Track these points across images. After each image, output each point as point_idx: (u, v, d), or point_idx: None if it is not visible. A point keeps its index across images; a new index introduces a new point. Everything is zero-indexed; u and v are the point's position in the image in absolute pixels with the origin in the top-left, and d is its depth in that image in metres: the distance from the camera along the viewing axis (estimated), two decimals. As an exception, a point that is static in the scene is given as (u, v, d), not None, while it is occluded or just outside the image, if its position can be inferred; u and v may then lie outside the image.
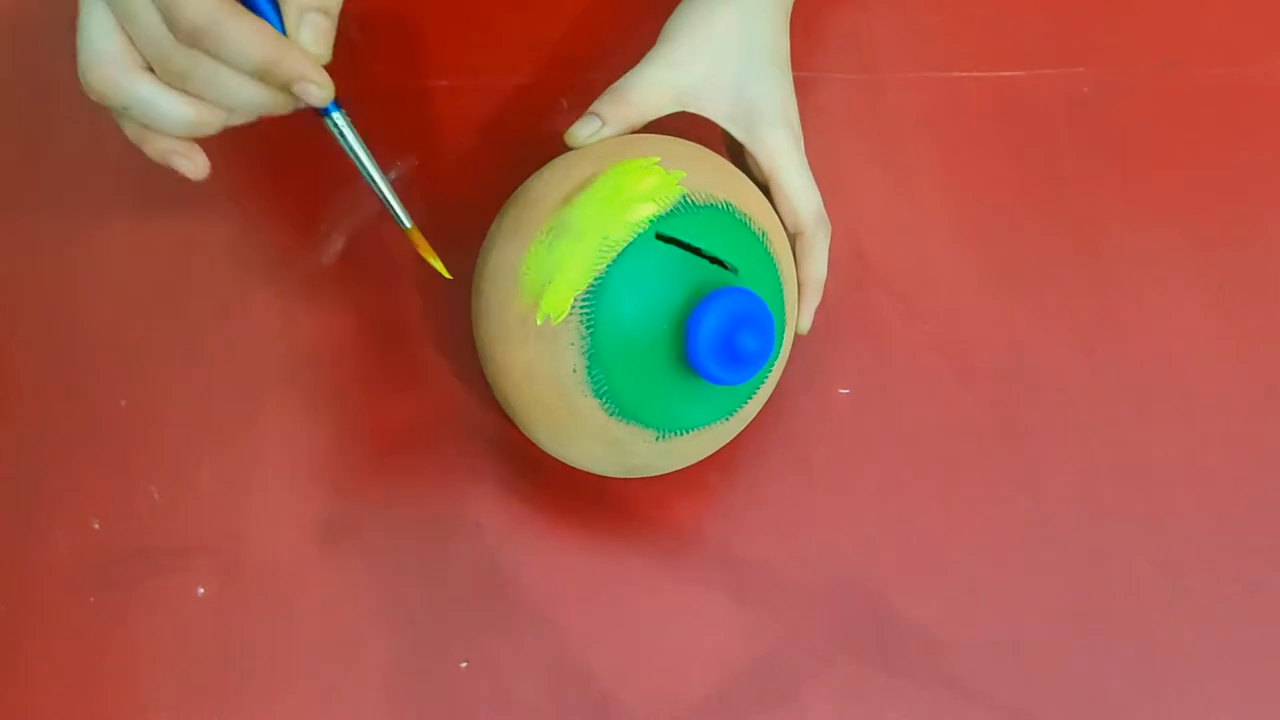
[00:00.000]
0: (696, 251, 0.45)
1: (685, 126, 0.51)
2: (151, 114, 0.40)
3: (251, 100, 0.40)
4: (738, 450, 0.54)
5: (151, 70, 0.39)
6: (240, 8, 0.38)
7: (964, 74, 0.64)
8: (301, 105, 0.41)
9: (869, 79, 0.63)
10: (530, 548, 0.52)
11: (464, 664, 0.50)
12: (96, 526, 0.51)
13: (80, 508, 0.51)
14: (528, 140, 0.54)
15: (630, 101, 0.49)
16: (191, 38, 0.38)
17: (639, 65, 0.50)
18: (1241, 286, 0.60)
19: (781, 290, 0.48)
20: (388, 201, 0.45)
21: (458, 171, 0.58)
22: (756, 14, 0.51)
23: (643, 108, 0.49)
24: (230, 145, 0.59)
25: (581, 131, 0.49)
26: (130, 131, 0.41)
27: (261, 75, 0.39)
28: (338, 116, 0.42)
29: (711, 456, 0.52)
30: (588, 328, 0.44)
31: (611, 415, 0.46)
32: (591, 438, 0.47)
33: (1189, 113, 0.63)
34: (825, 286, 0.52)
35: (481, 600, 0.51)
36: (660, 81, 0.50)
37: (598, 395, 0.45)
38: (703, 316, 0.43)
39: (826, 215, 0.52)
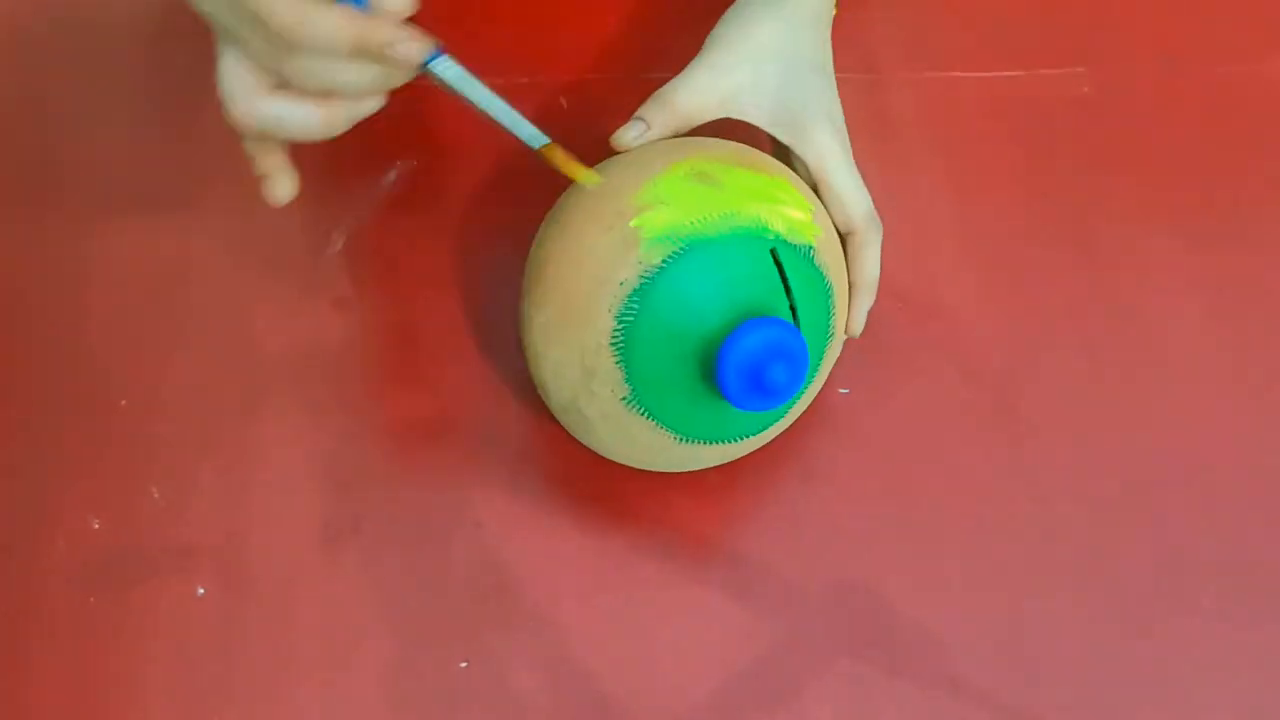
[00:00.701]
0: (789, 293, 0.46)
1: (727, 132, 0.51)
2: (286, 127, 0.42)
3: (363, 81, 0.42)
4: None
5: (279, 89, 0.42)
6: (320, 1, 0.40)
7: (964, 74, 0.64)
8: (411, 72, 0.42)
9: (869, 79, 0.63)
10: (530, 548, 0.52)
11: (464, 664, 0.50)
12: (96, 526, 0.51)
13: (80, 508, 0.51)
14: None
15: (675, 106, 0.50)
16: (287, 43, 0.39)
17: (684, 72, 0.51)
18: (1241, 286, 0.60)
19: (830, 322, 0.49)
20: (515, 129, 0.45)
21: (458, 171, 0.58)
22: (799, 24, 0.52)
23: (688, 113, 0.50)
24: (231, 147, 0.59)
25: (627, 135, 0.50)
26: (247, 149, 0.45)
27: (357, 54, 0.40)
28: (438, 65, 0.42)
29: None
30: (658, 263, 0.44)
31: (612, 345, 0.46)
32: (577, 352, 0.47)
33: (1189, 113, 0.63)
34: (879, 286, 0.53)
35: (481, 600, 0.51)
36: (705, 88, 0.50)
37: (619, 319, 0.45)
38: (739, 340, 0.43)
39: (878, 216, 0.52)
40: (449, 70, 0.43)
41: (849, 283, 0.52)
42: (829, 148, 0.50)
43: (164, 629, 0.50)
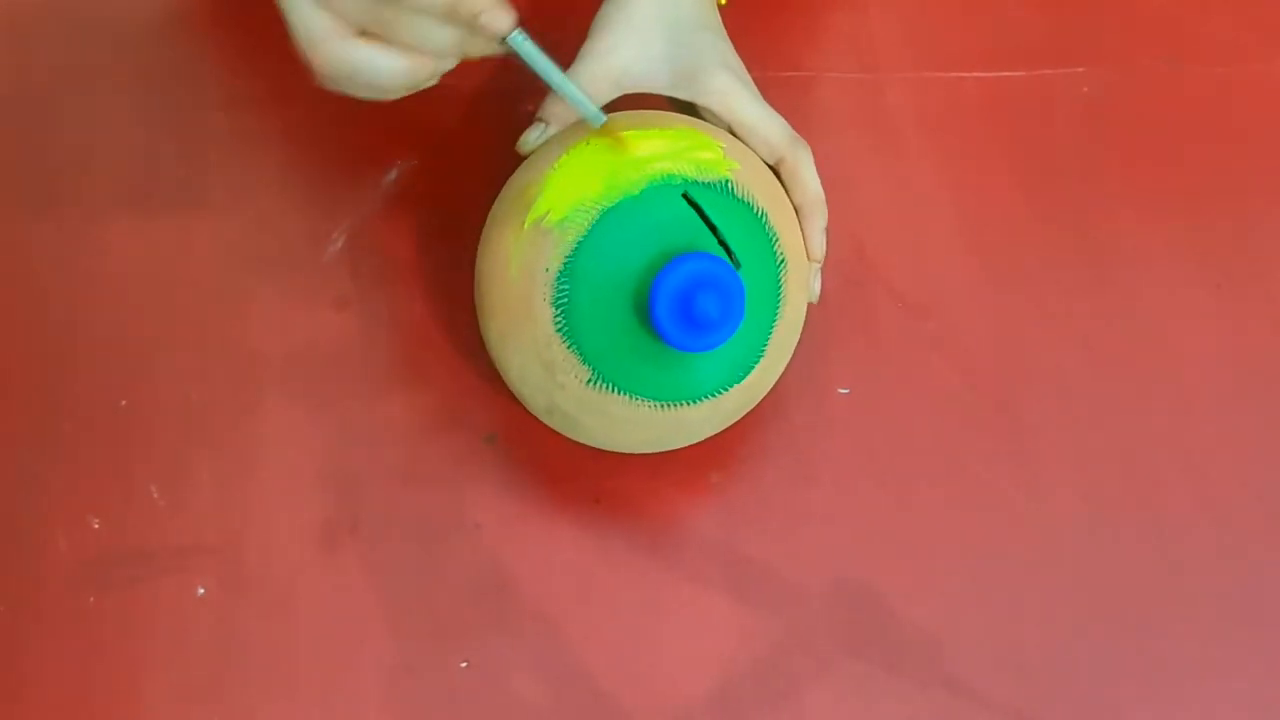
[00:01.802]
0: (713, 229, 0.46)
1: (633, 105, 0.51)
2: (372, 73, 0.42)
3: (447, 42, 0.42)
4: (737, 449, 0.54)
5: (361, 36, 0.42)
6: None
7: (964, 74, 0.64)
8: (496, 47, 0.43)
9: (869, 79, 0.63)
10: (530, 548, 0.52)
11: (464, 664, 0.50)
12: (96, 526, 0.51)
13: (80, 508, 0.51)
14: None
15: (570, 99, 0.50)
16: None
17: (573, 65, 0.51)
18: (1241, 285, 0.60)
19: (777, 309, 0.48)
20: (578, 106, 0.46)
21: (458, 171, 0.58)
22: None
23: (594, 97, 0.50)
24: (231, 146, 0.59)
25: (529, 137, 0.51)
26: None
27: (448, 16, 0.41)
28: (516, 40, 0.43)
29: (712, 456, 0.52)
30: (575, 240, 0.45)
31: (558, 332, 0.46)
32: (532, 351, 0.47)
33: (1189, 113, 0.63)
34: (825, 266, 0.52)
35: (481, 600, 0.51)
36: (594, 74, 0.51)
37: (555, 305, 0.45)
38: (666, 274, 0.43)
39: (800, 137, 0.52)
40: (525, 46, 0.43)
41: (794, 206, 0.51)
42: (729, 87, 0.51)
43: (164, 629, 0.50)
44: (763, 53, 0.59)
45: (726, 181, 0.47)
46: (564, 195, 0.46)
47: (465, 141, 0.59)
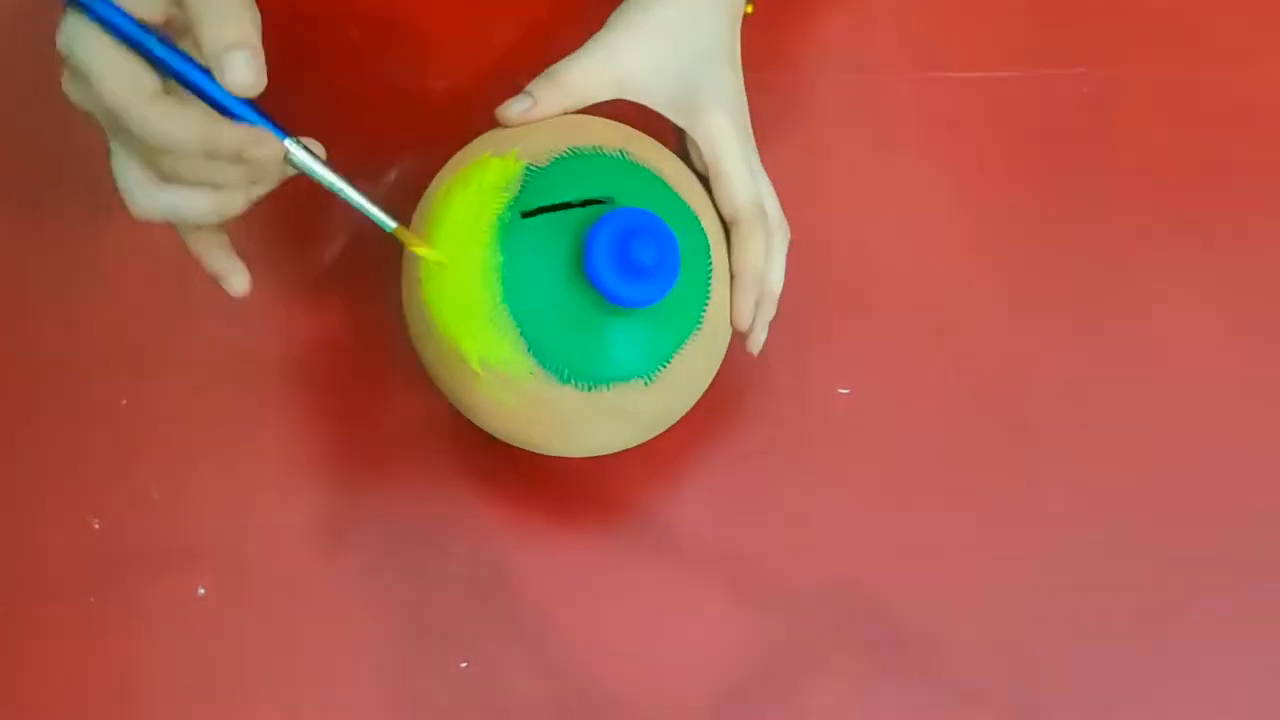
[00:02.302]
0: (565, 206, 0.45)
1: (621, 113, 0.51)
2: (185, 213, 0.42)
3: (234, 175, 0.41)
4: (738, 449, 0.54)
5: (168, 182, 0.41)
6: (167, 99, 0.39)
7: (964, 74, 0.64)
8: (286, 169, 0.42)
9: (868, 79, 0.63)
10: (530, 548, 0.52)
11: (464, 664, 0.50)
12: (96, 526, 0.51)
13: (80, 508, 0.51)
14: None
15: (565, 85, 0.49)
16: (143, 141, 0.39)
17: (580, 50, 0.50)
18: (1241, 285, 0.60)
19: (673, 194, 0.48)
20: (367, 211, 0.44)
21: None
22: (701, 8, 0.51)
23: (577, 92, 0.49)
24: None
25: (512, 108, 0.49)
26: (192, 249, 0.45)
27: (210, 157, 0.40)
28: (298, 160, 0.42)
29: (711, 456, 0.52)
30: (518, 332, 0.45)
31: (592, 389, 0.46)
32: (593, 421, 0.47)
33: (1189, 113, 0.63)
34: (782, 298, 0.51)
35: (481, 600, 0.51)
36: (598, 68, 0.49)
37: (568, 381, 0.45)
38: (595, 237, 0.43)
39: (785, 219, 0.51)
40: (304, 161, 0.42)
41: (731, 272, 0.50)
42: (722, 132, 0.49)
43: (164, 629, 0.50)
44: (762, 53, 0.58)
45: (526, 168, 0.46)
46: (473, 331, 0.45)
47: (464, 142, 0.59)
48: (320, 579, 0.51)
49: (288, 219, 0.57)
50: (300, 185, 0.57)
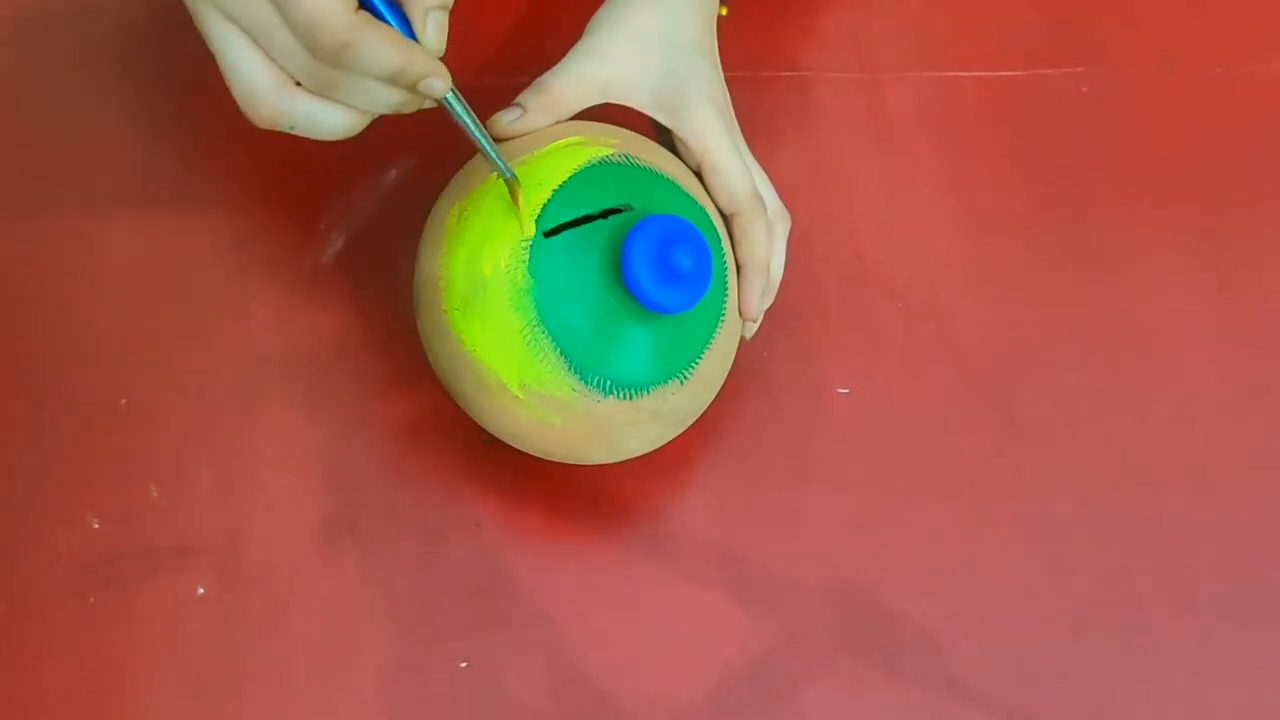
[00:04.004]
0: (588, 219, 0.46)
1: (621, 119, 0.51)
2: (316, 126, 0.43)
3: (387, 100, 0.42)
4: (737, 449, 0.54)
5: (301, 86, 0.42)
6: (371, 21, 0.40)
7: (964, 74, 0.64)
8: (428, 104, 0.44)
9: (868, 78, 0.63)
10: (530, 547, 0.52)
11: (464, 664, 0.50)
12: (96, 526, 0.51)
13: (80, 508, 0.51)
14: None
15: (553, 93, 0.50)
16: (333, 57, 0.40)
17: (565, 58, 0.51)
18: (1241, 285, 0.60)
19: (689, 194, 0.48)
20: (494, 158, 0.45)
21: (457, 172, 0.58)
22: (676, 9, 0.52)
23: (566, 99, 0.50)
24: (230, 146, 0.59)
25: (503, 119, 0.50)
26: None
27: (394, 80, 0.41)
28: (450, 101, 0.44)
29: (710, 456, 0.52)
30: (557, 352, 0.45)
31: (633, 399, 0.46)
32: (632, 429, 0.48)
33: (1189, 113, 0.63)
34: (783, 297, 0.52)
35: (481, 600, 0.51)
36: (583, 74, 0.50)
37: (610, 393, 0.46)
38: (632, 247, 0.43)
39: (784, 206, 0.52)
40: (455, 106, 0.44)
41: (737, 263, 0.50)
42: (710, 126, 0.50)
43: (164, 629, 0.50)
44: (760, 52, 0.59)
45: (608, 155, 0.47)
46: (509, 356, 0.45)
47: (465, 142, 0.59)
48: (320, 579, 0.51)
49: (288, 218, 0.57)
50: (300, 185, 0.58)
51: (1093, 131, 0.63)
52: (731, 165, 0.50)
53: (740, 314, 0.50)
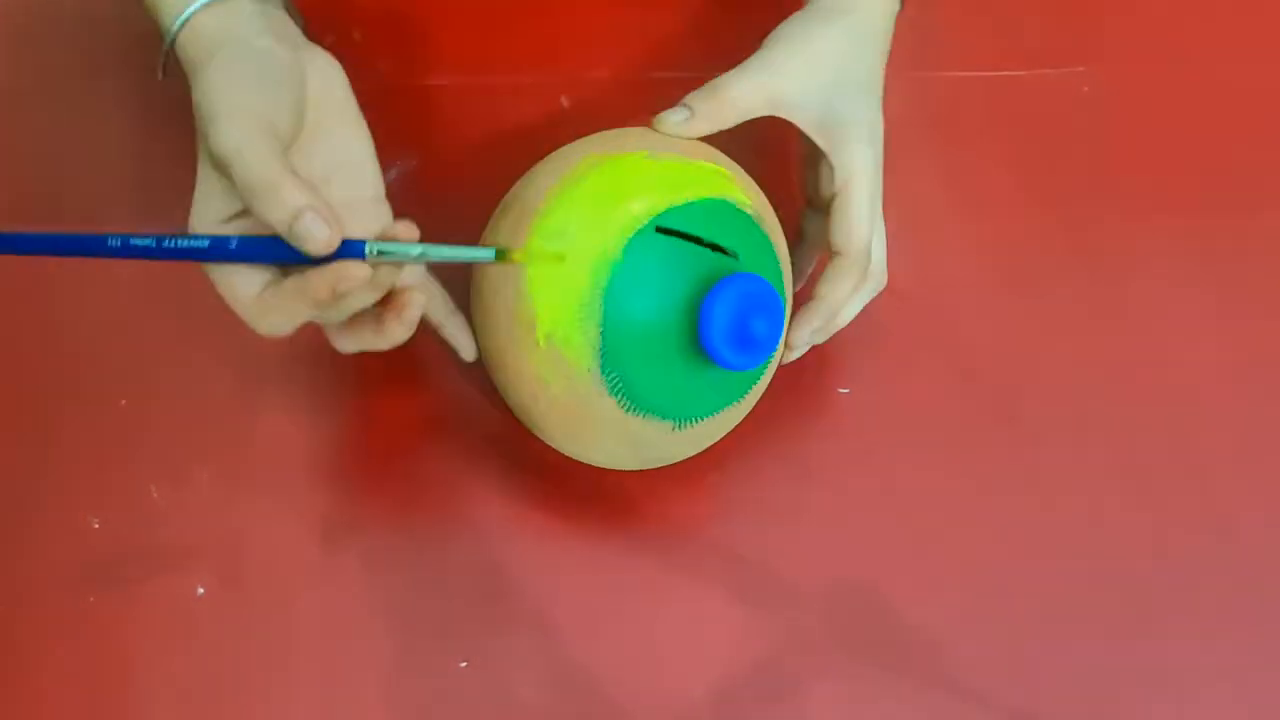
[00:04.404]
0: (697, 240, 0.46)
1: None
2: (377, 345, 0.44)
3: (370, 299, 0.42)
4: (738, 449, 0.54)
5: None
6: (262, 295, 0.41)
7: (964, 74, 0.64)
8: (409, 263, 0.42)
9: (869, 79, 0.63)
10: (530, 547, 0.52)
11: (464, 664, 0.50)
12: (96, 526, 0.51)
13: (80, 508, 0.51)
14: (528, 139, 0.54)
15: (725, 98, 0.49)
16: (277, 329, 0.41)
17: (740, 66, 0.50)
18: (1241, 286, 0.60)
19: (780, 270, 0.49)
20: (471, 259, 0.42)
21: (458, 171, 0.58)
22: (860, 39, 0.51)
23: (736, 106, 0.49)
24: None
25: (670, 119, 0.49)
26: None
27: (324, 307, 0.40)
28: (380, 259, 0.41)
29: (711, 456, 0.52)
30: (599, 330, 0.45)
31: (629, 412, 0.46)
32: (611, 436, 0.48)
33: (1189, 113, 0.63)
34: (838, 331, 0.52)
35: (481, 600, 0.51)
36: (757, 84, 0.50)
37: (614, 394, 0.45)
38: (715, 303, 0.44)
39: (885, 272, 0.52)
40: (388, 257, 0.41)
41: (814, 297, 0.50)
42: (862, 165, 0.49)
43: (164, 628, 0.50)
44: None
45: (707, 201, 0.46)
46: (559, 306, 0.45)
47: (465, 141, 0.59)
48: (320, 579, 0.51)
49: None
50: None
51: (1094, 132, 0.63)
52: (862, 211, 0.49)
53: (787, 341, 0.50)
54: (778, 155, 0.56)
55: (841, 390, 0.56)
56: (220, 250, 0.40)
